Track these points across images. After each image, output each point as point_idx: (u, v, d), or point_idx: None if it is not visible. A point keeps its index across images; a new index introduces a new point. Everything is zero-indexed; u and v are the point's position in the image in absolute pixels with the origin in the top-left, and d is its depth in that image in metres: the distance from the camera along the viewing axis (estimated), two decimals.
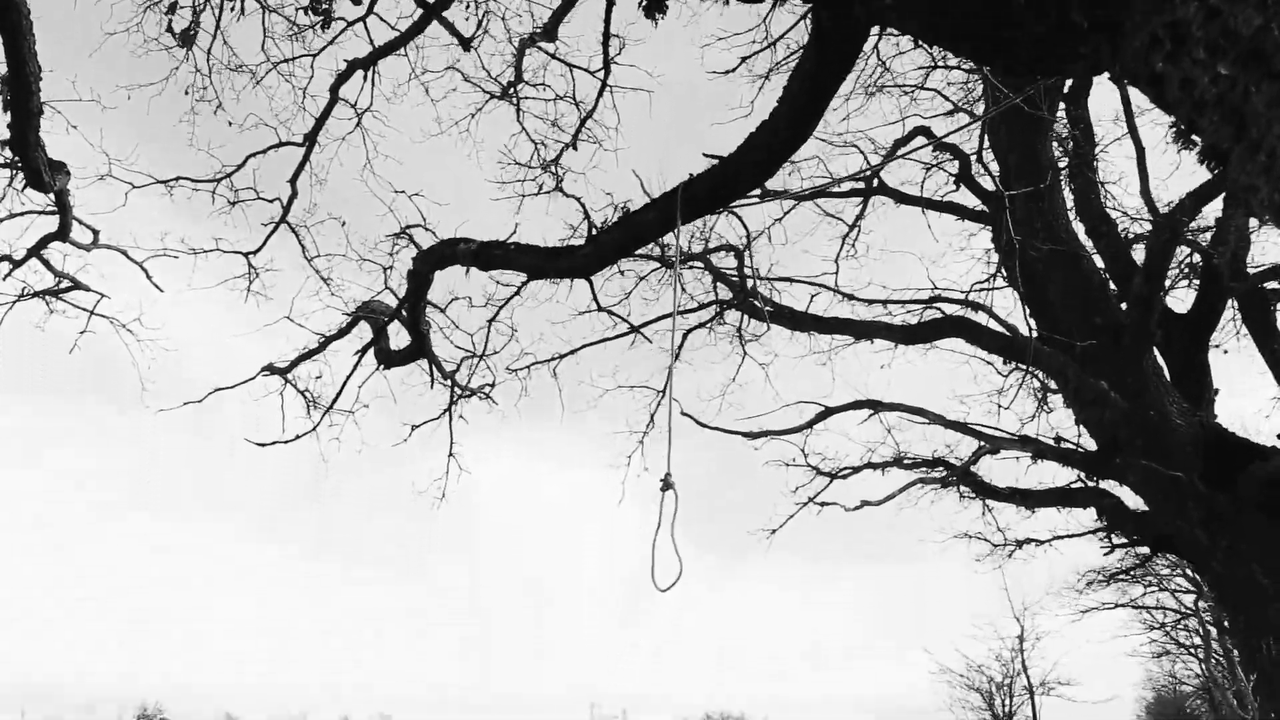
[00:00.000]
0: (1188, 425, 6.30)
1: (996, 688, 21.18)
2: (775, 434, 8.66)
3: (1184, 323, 7.11)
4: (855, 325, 8.40)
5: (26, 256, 7.55)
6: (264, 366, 8.50)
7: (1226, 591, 6.01)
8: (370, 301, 7.90)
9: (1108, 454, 6.66)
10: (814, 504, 9.71)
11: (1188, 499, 6.06)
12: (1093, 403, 6.74)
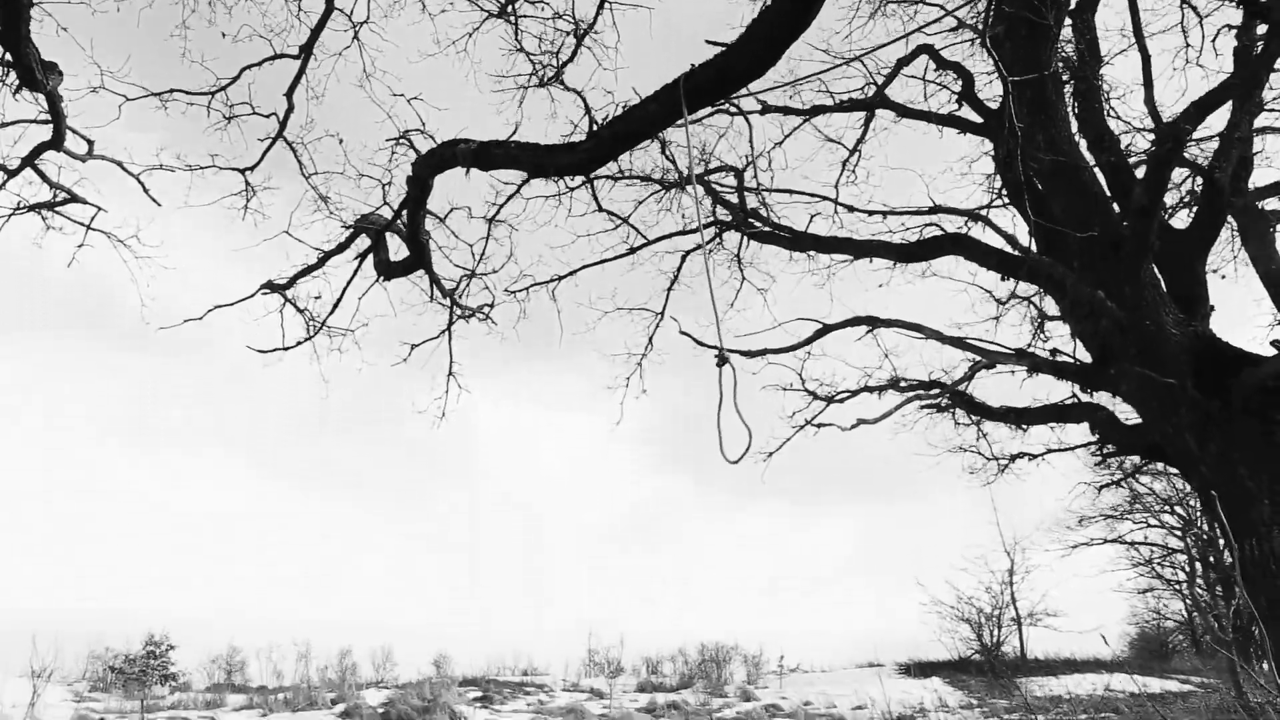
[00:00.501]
0: (1182, 335, 6.35)
1: (986, 619, 21.68)
2: (773, 351, 8.71)
3: (1183, 237, 7.12)
4: (854, 244, 8.40)
5: (21, 166, 7.49)
6: (263, 284, 8.50)
7: (1213, 495, 6.10)
8: (369, 214, 7.87)
9: (1102, 365, 6.72)
10: (811, 426, 9.81)
11: (1179, 406, 6.14)
12: (1089, 315, 6.78)
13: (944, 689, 18.58)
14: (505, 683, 18.65)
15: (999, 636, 21.46)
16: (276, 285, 8.44)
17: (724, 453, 3.80)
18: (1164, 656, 25.38)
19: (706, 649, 20.36)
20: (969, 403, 8.84)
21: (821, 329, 8.49)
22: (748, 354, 8.77)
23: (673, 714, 16.12)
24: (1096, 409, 7.45)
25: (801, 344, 8.61)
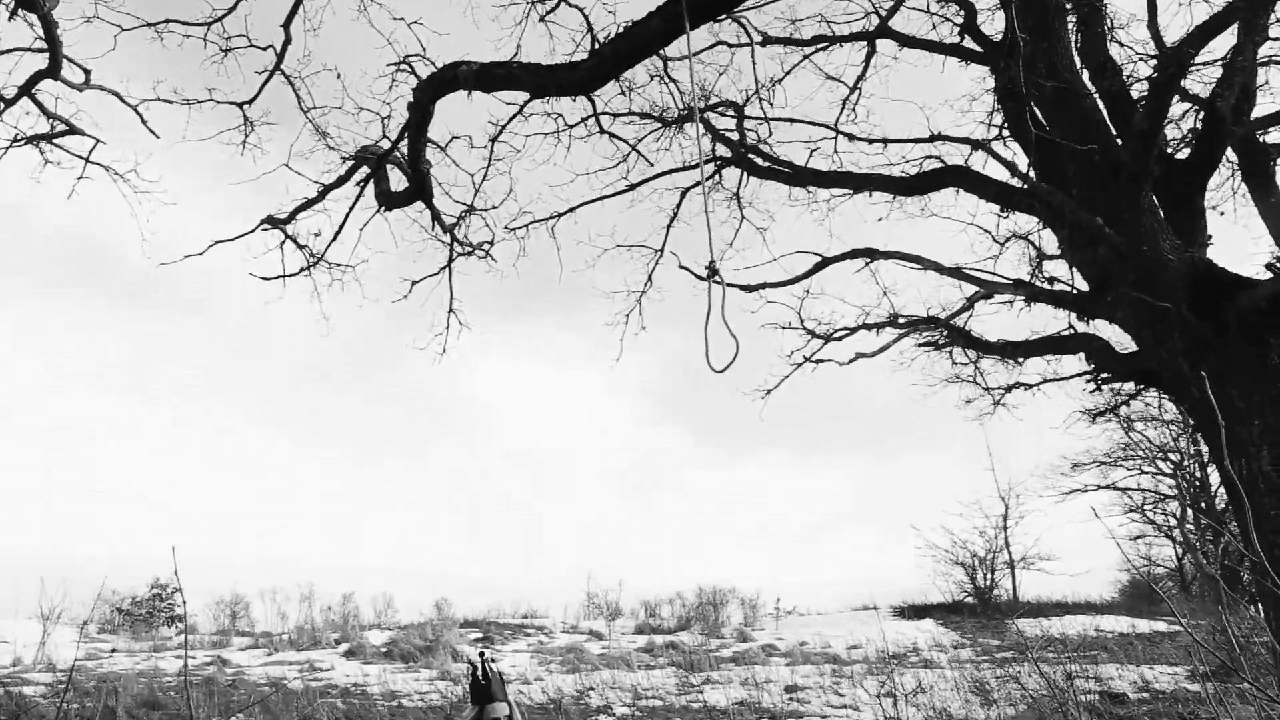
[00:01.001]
0: (1179, 261, 6.39)
1: (979, 562, 22.02)
2: (772, 285, 8.74)
3: (1182, 167, 7.13)
4: (853, 177, 8.39)
5: (18, 95, 7.45)
6: (264, 219, 8.50)
7: (1204, 417, 6.20)
8: (369, 145, 7.85)
9: (1099, 293, 6.77)
10: (809, 363, 9.89)
11: (1174, 331, 6.20)
12: (1087, 244, 6.81)
13: (937, 630, 18.93)
14: (506, 624, 18.98)
15: (992, 580, 21.84)
16: (276, 220, 8.44)
17: (710, 363, 3.88)
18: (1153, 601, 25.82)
19: (704, 592, 20.70)
20: (966, 337, 8.90)
21: (820, 262, 8.52)
22: (746, 288, 8.81)
23: (670, 654, 16.44)
24: (1092, 339, 7.52)
25: (800, 277, 8.65)
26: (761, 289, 8.88)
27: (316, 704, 10.41)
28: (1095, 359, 7.40)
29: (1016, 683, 10.48)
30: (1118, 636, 18.34)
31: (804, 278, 8.65)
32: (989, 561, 21.92)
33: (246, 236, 8.58)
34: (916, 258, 7.82)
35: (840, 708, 10.69)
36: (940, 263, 7.69)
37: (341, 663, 15.07)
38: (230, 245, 8.42)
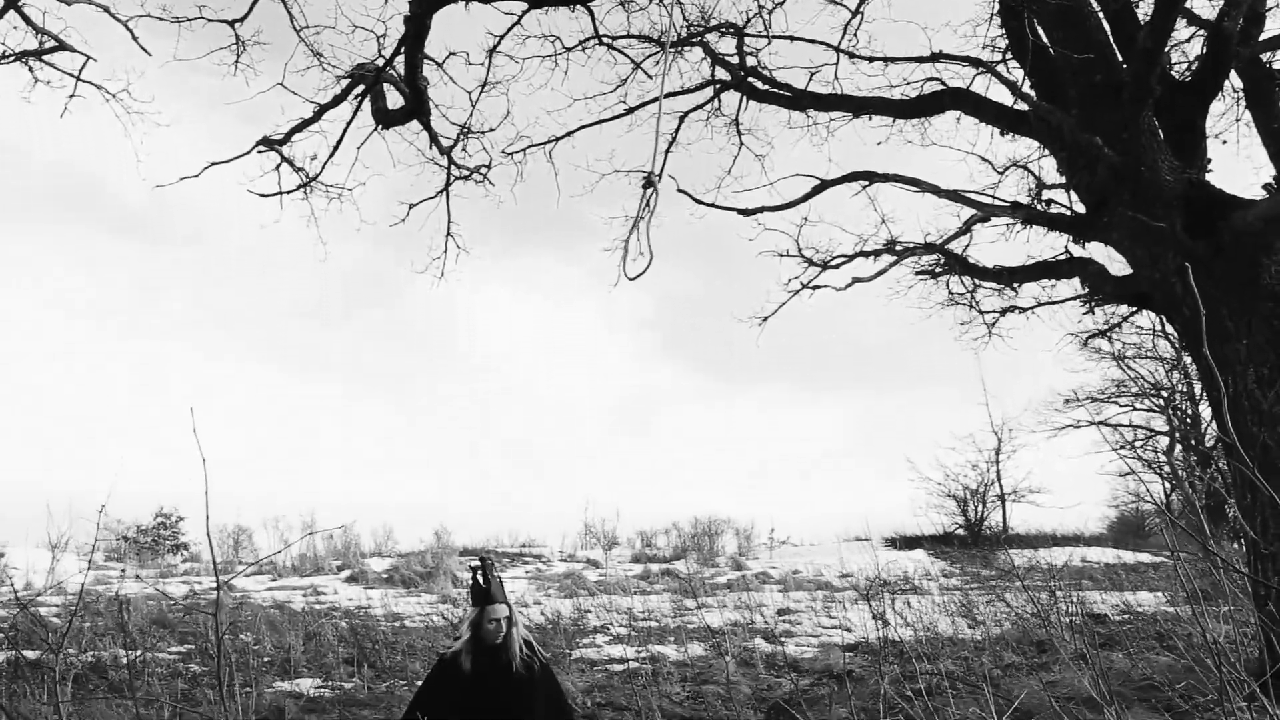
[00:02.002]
0: (1177, 181, 6.41)
1: (971, 495, 22.34)
2: (770, 209, 8.75)
3: (1185, 88, 7.09)
4: (853, 101, 8.35)
5: (5, 8, 7.33)
6: (259, 140, 8.46)
7: (1194, 337, 6.28)
8: (364, 63, 7.77)
9: (1096, 214, 6.80)
10: (806, 290, 9.94)
11: (1168, 251, 6.26)
12: (1085, 166, 6.81)
13: (927, 560, 19.32)
14: (504, 553, 19.31)
15: (983, 512, 22.19)
16: (272, 141, 8.40)
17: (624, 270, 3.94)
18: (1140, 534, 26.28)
19: (699, 523, 21.02)
20: (963, 263, 8.94)
21: (819, 185, 8.50)
22: (744, 212, 8.81)
23: (666, 580, 16.78)
24: (1087, 262, 7.56)
25: (798, 201, 8.65)
26: (759, 213, 8.88)
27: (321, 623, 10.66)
28: (1090, 282, 7.46)
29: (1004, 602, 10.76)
30: (1103, 567, 18.73)
31: (802, 201, 8.65)
32: (980, 494, 22.25)
33: (242, 158, 8.55)
34: (915, 180, 7.83)
35: (831, 628, 10.98)
36: (938, 186, 7.70)
37: (344, 588, 15.39)
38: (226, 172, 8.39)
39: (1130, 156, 6.44)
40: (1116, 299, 7.16)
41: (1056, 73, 7.13)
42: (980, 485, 22.40)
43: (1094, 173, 6.62)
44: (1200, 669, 5.31)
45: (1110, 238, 6.79)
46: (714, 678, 7.13)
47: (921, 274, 10.14)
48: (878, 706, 5.15)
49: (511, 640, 4.85)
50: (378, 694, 6.90)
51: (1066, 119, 6.54)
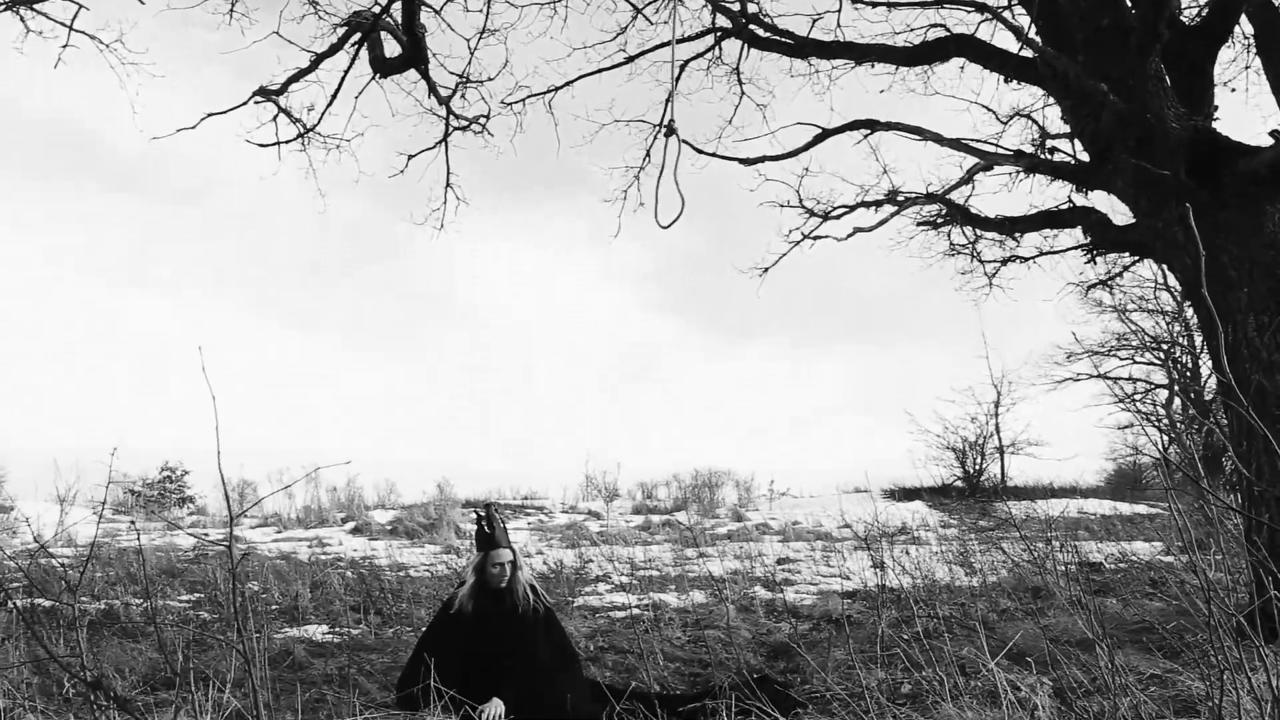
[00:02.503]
0: (1182, 128, 6.36)
1: (970, 447, 22.50)
2: (772, 159, 8.69)
3: (1193, 33, 7.00)
4: (856, 48, 8.25)
5: None
6: (256, 90, 8.39)
7: (1194, 281, 6.28)
8: (361, 10, 7.68)
9: (1099, 162, 6.76)
10: (807, 240, 9.91)
11: (1171, 199, 6.23)
12: (1090, 114, 6.76)
13: (926, 511, 19.51)
14: (506, 505, 19.52)
15: (981, 464, 22.36)
16: (269, 91, 8.33)
17: (657, 219, 3.96)
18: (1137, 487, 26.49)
19: (700, 475, 21.22)
20: (965, 214, 8.91)
21: (821, 134, 8.44)
22: (745, 162, 8.76)
23: (667, 531, 16.97)
24: (1090, 211, 7.54)
25: (800, 150, 8.59)
26: (760, 162, 8.83)
27: (327, 573, 10.81)
28: (1092, 232, 7.44)
29: (1001, 550, 10.90)
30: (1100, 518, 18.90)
31: (803, 150, 8.59)
32: (979, 446, 22.41)
33: (239, 109, 8.50)
34: (917, 129, 7.76)
35: (830, 576, 11.14)
36: (940, 134, 7.64)
37: (349, 539, 15.58)
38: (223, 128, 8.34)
39: (1136, 103, 6.39)
40: (1118, 248, 7.15)
41: (1063, 17, 7.03)
42: (979, 438, 22.56)
43: (1099, 120, 6.57)
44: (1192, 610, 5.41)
45: (1114, 186, 6.76)
46: (714, 623, 7.26)
47: (923, 224, 10.11)
48: (875, 649, 5.26)
49: (516, 584, 4.94)
50: (384, 639, 7.03)
51: (1072, 65, 6.48)
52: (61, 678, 5.03)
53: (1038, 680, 4.12)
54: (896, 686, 4.51)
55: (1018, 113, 9.85)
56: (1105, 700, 3.87)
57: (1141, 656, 5.17)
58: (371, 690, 5.22)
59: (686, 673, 5.65)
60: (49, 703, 4.39)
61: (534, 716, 4.36)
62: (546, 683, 4.59)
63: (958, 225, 9.57)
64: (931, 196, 9.21)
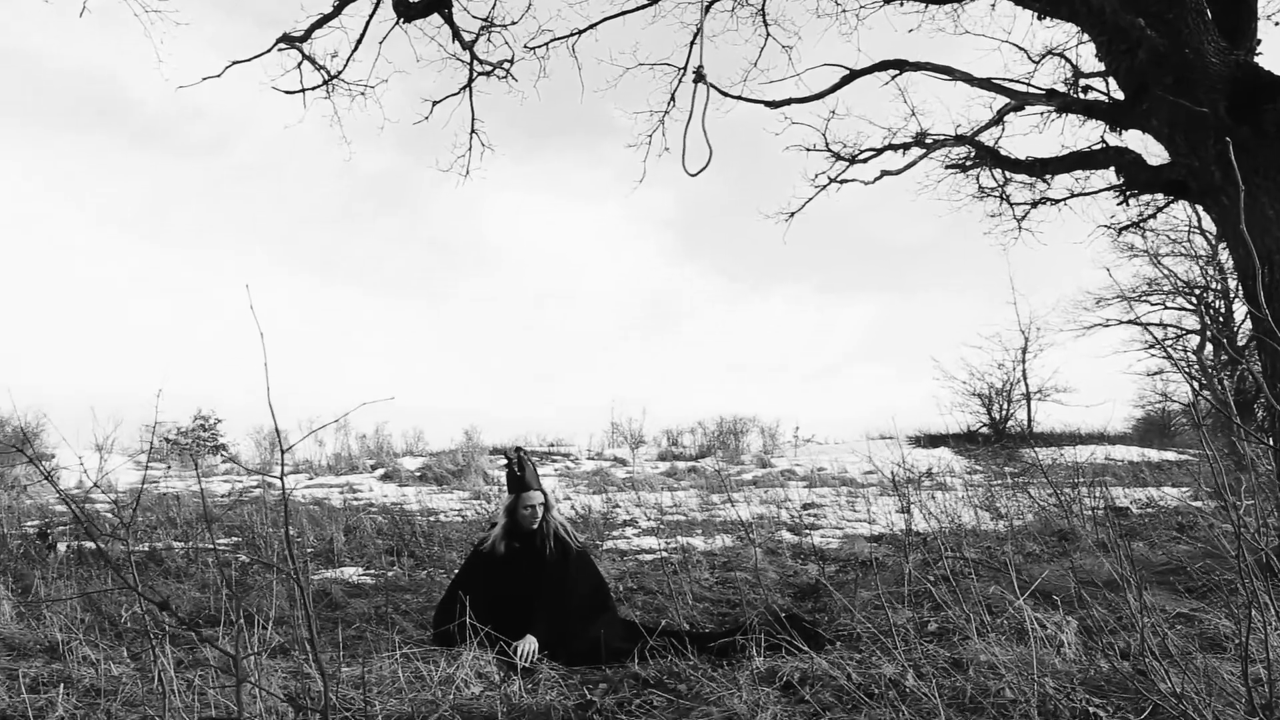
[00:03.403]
0: (1222, 64, 6.19)
1: (996, 394, 22.42)
2: (798, 101, 8.56)
3: None
4: None
5: None
6: (279, 37, 8.35)
7: (1231, 225, 6.17)
8: None
9: (1134, 100, 6.61)
10: (834, 184, 9.81)
11: (1209, 137, 6.09)
12: (1126, 50, 6.59)
13: (951, 457, 19.53)
14: (533, 452, 19.76)
15: (1007, 410, 22.29)
16: (293, 38, 8.29)
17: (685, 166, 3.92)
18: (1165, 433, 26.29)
19: (725, 422, 21.33)
20: (994, 156, 8.76)
21: (848, 75, 8.28)
22: (771, 104, 8.64)
23: (692, 477, 17.13)
24: (1123, 152, 7.38)
25: (826, 92, 8.44)
26: (786, 105, 8.70)
27: (359, 518, 11.04)
28: (1125, 172, 7.29)
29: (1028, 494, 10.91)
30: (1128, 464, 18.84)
31: (830, 92, 8.45)
32: (1006, 393, 22.33)
33: (263, 57, 8.47)
34: (947, 69, 7.60)
35: (855, 521, 11.22)
36: (971, 74, 7.48)
37: (379, 485, 15.87)
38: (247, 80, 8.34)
39: (1174, 38, 6.22)
40: (1152, 189, 7.02)
41: None
42: (1005, 384, 22.45)
43: (1135, 56, 6.40)
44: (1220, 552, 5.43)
45: (1149, 125, 6.61)
46: (741, 565, 7.37)
47: (951, 167, 9.97)
48: (902, 589, 5.33)
49: (547, 525, 5.03)
50: (417, 580, 7.20)
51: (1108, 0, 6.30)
52: (112, 613, 5.22)
53: (1064, 618, 4.16)
54: (923, 624, 4.58)
55: (1050, 51, 9.62)
56: (1132, 637, 3.92)
57: (1168, 596, 5.20)
58: (407, 628, 5.37)
59: (715, 612, 5.75)
60: (100, 636, 4.57)
61: (566, 653, 4.48)
62: (579, 620, 4.70)
63: (987, 167, 9.42)
64: (960, 138, 9.06)
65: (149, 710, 3.39)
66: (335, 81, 8.23)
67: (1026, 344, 22.70)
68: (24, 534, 8.56)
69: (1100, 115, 7.19)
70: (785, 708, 3.40)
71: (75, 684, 3.77)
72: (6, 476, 14.27)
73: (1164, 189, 6.84)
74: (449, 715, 3.31)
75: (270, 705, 3.16)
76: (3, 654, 4.41)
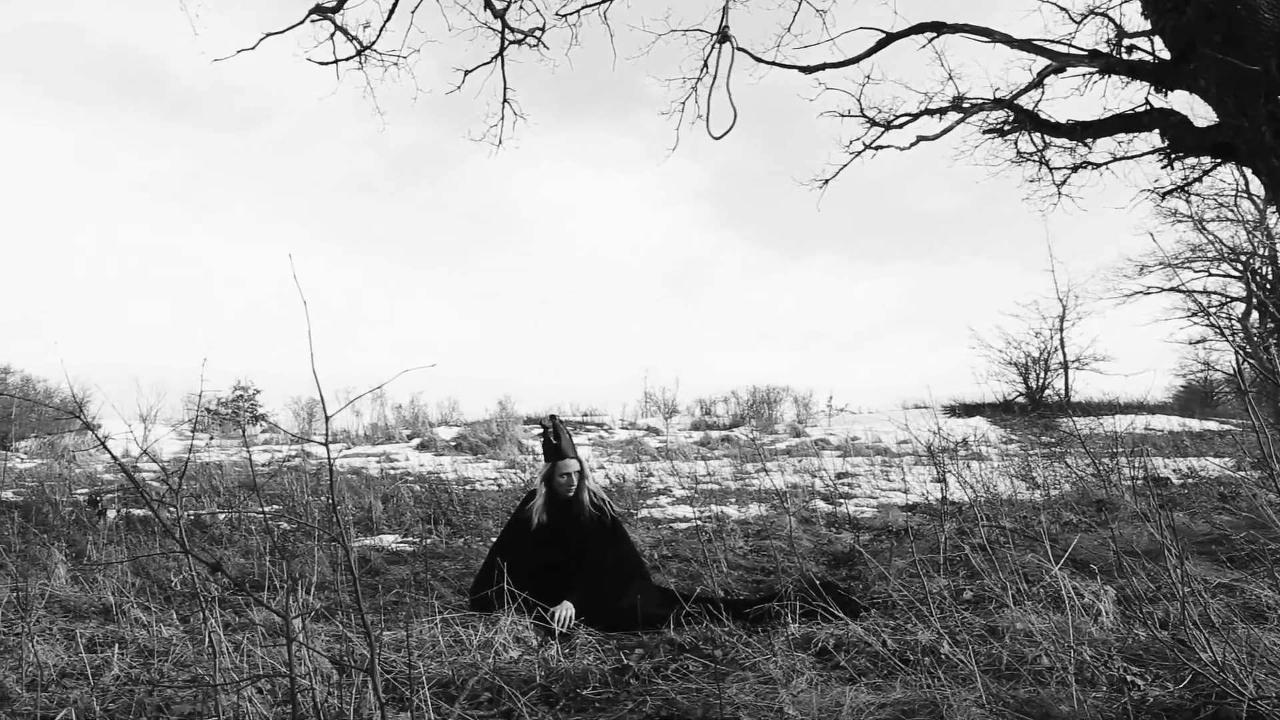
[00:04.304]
0: (1275, 20, 6.00)
1: (1033, 362, 22.12)
2: (832, 66, 8.42)
3: None
4: None
5: None
6: (312, 8, 8.38)
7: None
8: None
9: (1181, 60, 6.43)
10: (869, 150, 9.68)
11: (1259, 97, 5.93)
12: (1173, 7, 6.41)
13: (985, 426, 19.35)
14: (567, 421, 19.88)
15: (1045, 380, 21.99)
16: (325, 9, 8.31)
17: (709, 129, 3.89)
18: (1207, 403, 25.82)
19: (758, 391, 21.28)
20: (1033, 119, 8.58)
21: (884, 38, 8.13)
22: (805, 70, 8.51)
23: (725, 446, 17.15)
24: (1169, 113, 7.20)
25: (862, 56, 8.30)
26: (820, 70, 8.57)
27: (396, 486, 11.20)
28: (1171, 134, 7.12)
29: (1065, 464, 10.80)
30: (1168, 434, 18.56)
31: (865, 56, 8.31)
32: (1043, 361, 22.02)
33: (296, 28, 8.49)
34: (985, 30, 7.44)
35: (889, 490, 11.19)
36: (1010, 35, 7.32)
37: (414, 455, 16.08)
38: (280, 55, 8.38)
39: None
40: (1198, 151, 6.84)
41: None
42: (1043, 353, 22.13)
43: (1182, 14, 6.22)
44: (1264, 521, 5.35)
45: (1196, 85, 6.44)
46: (776, 533, 7.39)
47: (989, 132, 9.78)
48: (937, 558, 5.32)
49: (583, 493, 5.08)
50: (455, 548, 7.31)
51: None
52: (161, 577, 5.37)
53: (1101, 587, 4.14)
54: (959, 592, 4.58)
55: (1093, 11, 9.36)
56: (1171, 606, 3.88)
57: (1210, 566, 5.14)
58: (446, 594, 5.46)
59: (749, 580, 5.79)
60: (151, 599, 4.71)
61: (603, 618, 4.53)
62: (615, 586, 4.75)
63: (1026, 131, 9.23)
64: (999, 102, 8.88)
65: (199, 670, 3.50)
66: (368, 52, 8.25)
67: (1065, 312, 22.34)
68: (75, 501, 8.81)
69: (1145, 76, 7.01)
70: (820, 673, 3.43)
71: (128, 644, 3.89)
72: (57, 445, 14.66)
73: (1211, 151, 6.66)
74: (489, 678, 3.37)
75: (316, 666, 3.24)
76: (60, 615, 4.57)
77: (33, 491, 9.71)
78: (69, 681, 3.41)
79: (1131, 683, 3.03)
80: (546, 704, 3.25)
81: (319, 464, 14.84)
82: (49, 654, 3.62)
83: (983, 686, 2.98)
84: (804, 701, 3.01)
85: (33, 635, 3.74)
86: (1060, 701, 2.87)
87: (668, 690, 3.31)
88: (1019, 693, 3.02)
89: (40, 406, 16.38)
